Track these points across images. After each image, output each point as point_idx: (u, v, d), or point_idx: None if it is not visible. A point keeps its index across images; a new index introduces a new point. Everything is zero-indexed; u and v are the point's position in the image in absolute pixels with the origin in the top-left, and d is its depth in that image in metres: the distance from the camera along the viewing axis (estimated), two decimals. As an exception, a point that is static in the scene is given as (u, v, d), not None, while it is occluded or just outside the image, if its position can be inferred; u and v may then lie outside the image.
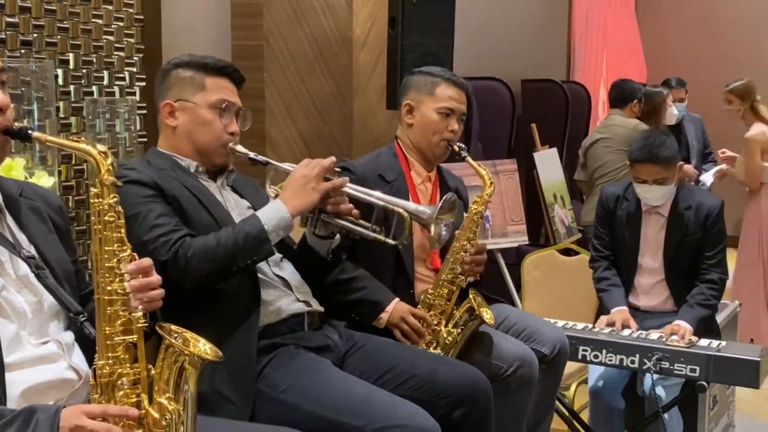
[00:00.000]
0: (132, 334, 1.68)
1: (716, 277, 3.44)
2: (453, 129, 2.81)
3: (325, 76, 4.33)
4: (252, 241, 2.15)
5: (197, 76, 2.32)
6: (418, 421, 2.06)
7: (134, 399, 1.67)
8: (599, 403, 3.55)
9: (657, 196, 3.44)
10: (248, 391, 2.13)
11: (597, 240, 3.67)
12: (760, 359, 3.02)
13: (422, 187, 2.86)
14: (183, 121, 2.33)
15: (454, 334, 2.60)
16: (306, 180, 2.22)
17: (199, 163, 2.34)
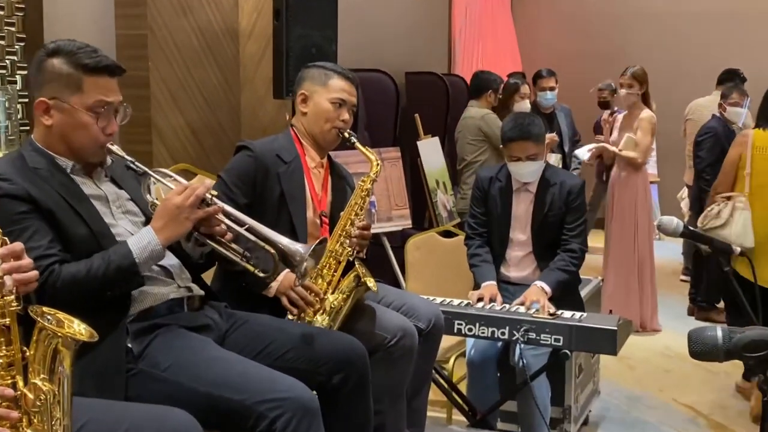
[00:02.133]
0: (5, 317, 1.63)
1: (576, 247, 3.58)
2: (344, 119, 2.87)
3: (212, 66, 4.28)
4: (122, 273, 2.08)
5: (74, 75, 2.15)
6: (296, 393, 2.07)
7: (9, 381, 1.62)
8: (475, 373, 3.63)
9: (530, 171, 3.56)
10: (116, 394, 2.05)
11: (472, 219, 3.77)
12: (617, 328, 3.15)
13: (315, 171, 2.90)
14: (58, 121, 2.18)
15: (340, 298, 2.63)
16: (179, 211, 2.14)
17: (74, 162, 2.23)
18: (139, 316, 2.19)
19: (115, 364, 2.09)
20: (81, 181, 2.24)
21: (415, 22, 7.36)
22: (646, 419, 4.25)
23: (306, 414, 2.05)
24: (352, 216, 2.75)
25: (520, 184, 3.63)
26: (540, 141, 3.53)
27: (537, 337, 3.19)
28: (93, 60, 2.17)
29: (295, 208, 2.79)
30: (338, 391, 2.30)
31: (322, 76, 2.88)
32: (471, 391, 3.66)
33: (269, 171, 2.78)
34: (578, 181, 3.67)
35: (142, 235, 2.15)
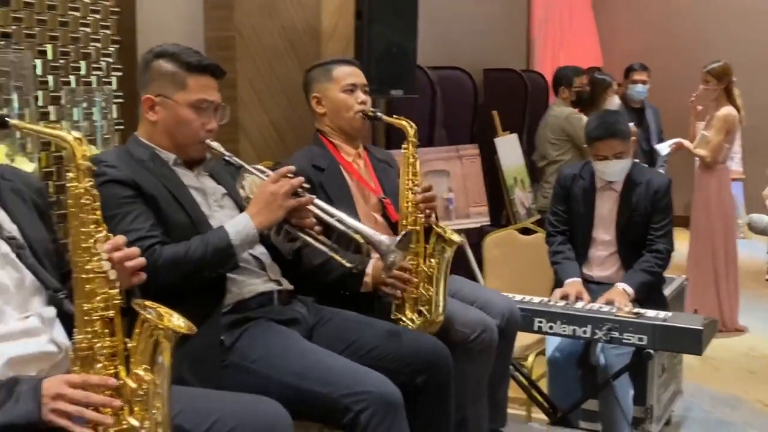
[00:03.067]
0: (109, 309, 1.69)
1: (662, 248, 3.51)
2: (362, 100, 2.90)
3: (294, 66, 4.32)
4: (219, 254, 2.17)
5: (179, 74, 2.29)
6: (381, 388, 2.09)
7: (112, 370, 1.68)
8: (556, 371, 3.61)
9: (616, 170, 3.51)
10: (211, 383, 2.11)
11: (553, 216, 3.73)
12: (702, 328, 3.09)
13: (355, 163, 2.92)
14: (163, 116, 2.31)
15: (434, 264, 2.61)
16: (274, 198, 2.23)
17: (176, 156, 2.35)
18: (231, 309, 2.25)
19: (211, 355, 2.16)
20: (182, 173, 2.35)
21: (494, 18, 7.30)
22: (730, 421, 4.15)
23: (390, 409, 2.07)
24: (409, 185, 2.71)
25: (604, 182, 3.57)
26: (626, 139, 3.47)
27: (620, 336, 3.15)
28: (197, 60, 2.32)
29: (345, 209, 2.74)
30: (421, 392, 2.31)
31: (324, 72, 2.92)
32: (551, 389, 3.64)
33: (312, 182, 2.71)
34: (665, 179, 3.58)
35: (239, 219, 2.24)
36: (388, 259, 2.36)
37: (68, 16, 3.26)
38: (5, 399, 1.60)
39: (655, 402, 3.65)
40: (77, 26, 3.30)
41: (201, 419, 1.84)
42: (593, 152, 3.52)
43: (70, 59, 3.28)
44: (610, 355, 3.38)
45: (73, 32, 3.28)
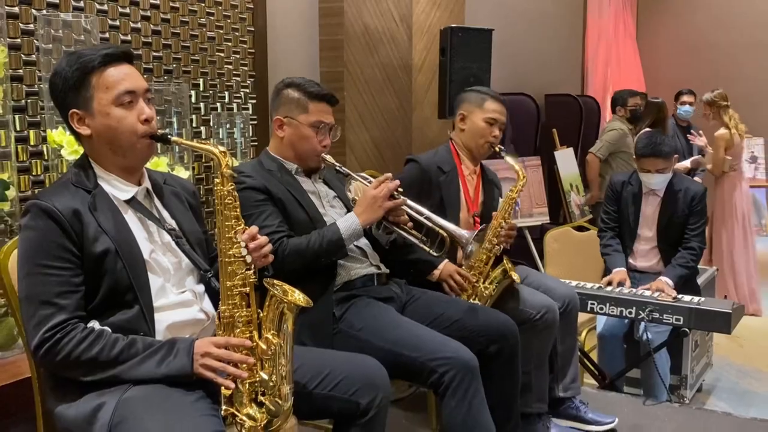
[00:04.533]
0: (246, 286, 1.73)
1: (696, 245, 3.38)
2: (495, 135, 2.82)
3: (390, 94, 4.33)
4: (332, 245, 2.20)
5: (302, 100, 2.34)
6: (461, 354, 2.08)
7: (248, 334, 1.72)
8: (605, 345, 3.52)
9: (658, 182, 3.40)
10: (325, 346, 2.13)
11: (605, 215, 3.62)
12: (731, 311, 2.95)
13: (470, 178, 2.87)
14: (289, 133, 2.36)
15: (491, 289, 2.59)
16: (375, 200, 2.24)
17: (298, 166, 2.38)
18: (340, 288, 2.27)
19: (325, 323, 2.18)
20: (302, 180, 2.39)
21: (554, 51, 7.16)
22: (754, 390, 3.94)
23: (468, 372, 2.05)
24: (501, 220, 2.68)
25: (648, 189, 3.45)
26: (669, 157, 3.33)
27: (660, 317, 3.05)
28: (317, 90, 2.36)
29: (452, 210, 2.76)
30: (493, 359, 2.28)
31: (479, 99, 2.84)
32: (600, 360, 3.54)
33: (432, 180, 2.76)
34: (701, 188, 3.44)
35: (347, 217, 2.27)
36: (467, 249, 2.36)
37: (215, 56, 3.35)
38: (166, 355, 1.65)
39: (689, 372, 3.51)
40: (222, 64, 3.38)
41: (316, 372, 1.87)
42: (640, 166, 3.40)
43: (217, 90, 3.37)
44: (651, 332, 3.26)
45: (219, 69, 3.37)
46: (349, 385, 1.85)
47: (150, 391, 1.62)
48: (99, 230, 1.70)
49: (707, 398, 3.81)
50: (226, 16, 3.39)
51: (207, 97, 3.32)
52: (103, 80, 1.73)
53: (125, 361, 1.64)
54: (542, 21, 6.89)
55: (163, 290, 1.77)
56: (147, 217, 1.81)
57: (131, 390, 1.62)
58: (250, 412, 1.70)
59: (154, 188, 1.89)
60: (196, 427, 1.56)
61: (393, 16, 4.30)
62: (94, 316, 1.70)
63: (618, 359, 3.49)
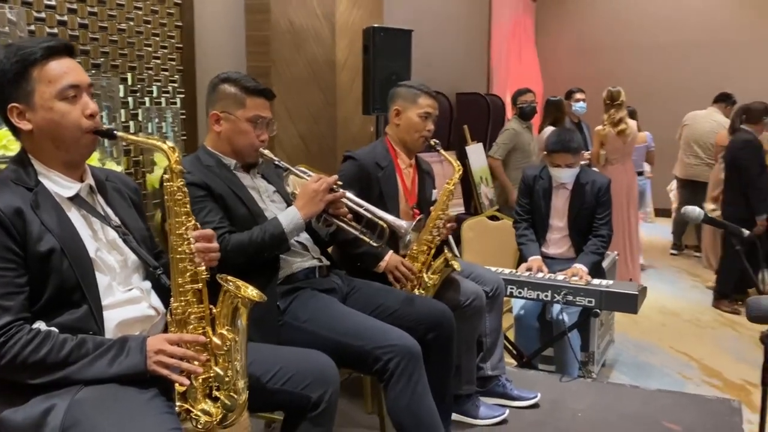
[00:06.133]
0: (198, 282, 1.66)
1: (605, 233, 3.50)
2: (429, 129, 2.80)
3: (316, 90, 4.28)
4: (275, 239, 2.13)
5: (240, 95, 2.23)
6: (404, 341, 2.08)
7: (201, 330, 1.65)
8: (521, 325, 3.61)
9: (567, 176, 3.49)
10: (271, 339, 2.07)
11: (519, 207, 3.70)
12: (638, 293, 3.09)
13: (406, 171, 2.85)
14: (226, 128, 2.25)
15: (434, 279, 2.59)
16: (315, 194, 2.19)
17: (236, 162, 2.29)
18: (284, 280, 2.22)
19: (270, 316, 2.12)
20: (241, 176, 2.29)
21: (463, 51, 7.28)
22: (651, 363, 4.17)
23: (412, 358, 2.05)
24: (439, 212, 2.68)
25: (558, 182, 3.55)
26: (577, 153, 3.44)
27: (574, 299, 3.16)
28: (254, 85, 2.26)
29: (391, 203, 2.74)
30: (430, 345, 2.29)
31: (412, 95, 2.81)
32: (517, 340, 3.63)
33: (371, 175, 2.73)
34: (606, 179, 3.57)
35: (289, 212, 2.20)
36: (405, 239, 2.36)
37: (143, 50, 3.19)
38: (118, 353, 1.56)
39: (596, 349, 3.66)
40: (150, 59, 3.23)
41: (268, 367, 1.82)
42: (550, 161, 3.50)
43: (145, 85, 3.21)
44: (563, 313, 3.37)
45: (147, 63, 3.21)
46: (301, 380, 1.81)
47: (103, 392, 1.52)
48: (43, 229, 1.58)
49: (611, 372, 3.99)
50: (153, 11, 3.23)
51: (135, 92, 3.16)
52: (45, 73, 1.60)
53: (75, 362, 1.54)
54: (452, 23, 6.98)
55: (110, 289, 1.67)
56: (91, 214, 1.70)
57: (83, 391, 1.52)
58: (205, 407, 1.64)
59: (97, 185, 1.77)
60: (153, 425, 1.48)
61: (317, 14, 4.23)
62: (39, 317, 1.58)
63: (532, 339, 3.59)
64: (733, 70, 8.65)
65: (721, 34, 8.86)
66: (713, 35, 8.90)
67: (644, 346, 4.46)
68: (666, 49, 9.12)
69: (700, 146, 6.50)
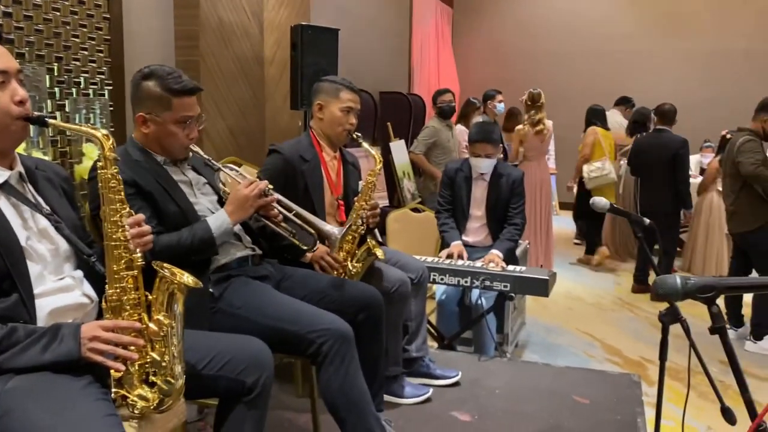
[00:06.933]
0: (133, 269, 1.61)
1: (519, 222, 3.61)
2: (352, 122, 2.79)
3: (245, 85, 4.20)
4: (203, 243, 2.07)
5: (165, 97, 2.08)
6: (336, 325, 2.08)
7: (136, 317, 1.60)
8: (443, 310, 3.67)
9: (486, 165, 3.58)
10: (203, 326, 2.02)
11: (441, 198, 3.77)
12: (549, 278, 3.22)
13: (331, 163, 2.82)
14: (153, 130, 2.12)
15: (358, 267, 2.60)
16: (246, 200, 2.13)
17: (166, 158, 2.18)
18: (218, 269, 2.17)
19: (201, 304, 2.07)
20: (171, 170, 2.19)
21: (386, 52, 7.31)
22: (559, 343, 4.33)
23: (345, 341, 2.06)
24: (362, 202, 2.68)
25: (477, 174, 3.64)
26: (497, 144, 3.55)
27: (491, 284, 3.25)
28: (180, 85, 2.10)
29: (317, 196, 2.72)
30: (361, 326, 2.30)
31: (334, 90, 2.78)
32: (439, 323, 3.70)
33: (295, 168, 2.69)
34: (520, 172, 3.68)
35: (218, 216, 2.12)
36: (334, 245, 2.36)
37: (71, 41, 3.04)
38: (51, 341, 1.49)
39: (510, 331, 3.77)
40: (78, 50, 3.08)
41: (203, 354, 1.78)
42: (472, 150, 3.58)
43: (72, 76, 3.06)
44: (481, 298, 3.46)
45: (74, 54, 3.06)
46: (236, 365, 1.78)
47: (35, 380, 1.46)
48: (-31, 216, 1.49)
49: (522, 352, 4.12)
50: (80, 2, 3.08)
51: (62, 82, 3.00)
52: None
53: (6, 350, 1.47)
54: (375, 25, 7.00)
55: (41, 278, 1.60)
56: (22, 202, 1.62)
57: (14, 380, 1.45)
58: (142, 392, 1.59)
59: (27, 173, 1.69)
60: (89, 412, 1.43)
61: (246, 11, 4.15)
62: (-34, 307, 1.49)
63: (453, 322, 3.67)
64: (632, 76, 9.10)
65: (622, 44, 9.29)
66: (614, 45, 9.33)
67: (552, 328, 4.63)
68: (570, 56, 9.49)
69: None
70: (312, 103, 2.84)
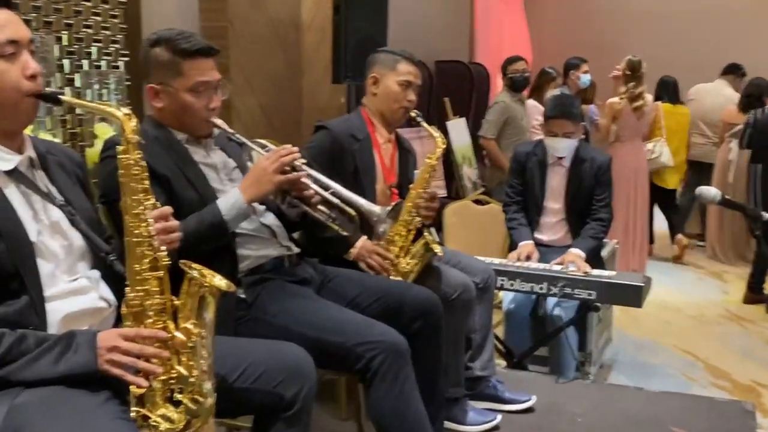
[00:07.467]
0: (157, 270, 1.63)
1: (604, 216, 3.55)
2: (410, 99, 2.80)
3: (278, 54, 4.25)
4: (213, 229, 2.06)
5: (174, 61, 2.09)
6: (389, 337, 2.08)
7: (161, 325, 1.63)
8: (512, 322, 3.65)
9: (565, 147, 3.53)
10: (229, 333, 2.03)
11: (510, 188, 3.73)
12: (643, 284, 3.16)
13: (384, 146, 2.84)
14: (167, 103, 2.15)
15: (412, 264, 2.59)
16: (264, 173, 2.10)
17: (188, 135, 2.21)
18: (249, 272, 2.20)
19: (227, 309, 2.05)
20: (193, 151, 2.22)
21: (443, 15, 7.28)
22: (653, 363, 4.25)
23: (398, 356, 2.06)
24: (419, 190, 2.68)
25: (554, 158, 3.58)
26: (577, 121, 3.50)
27: (572, 292, 3.21)
28: (189, 44, 2.11)
29: (367, 181, 2.73)
30: (416, 336, 2.28)
31: (391, 61, 2.80)
32: (507, 338, 3.67)
33: (345, 148, 2.71)
34: (607, 157, 3.63)
35: (230, 195, 2.12)
36: (379, 228, 2.35)
37: (81, 5, 3.13)
38: (64, 350, 1.54)
39: (593, 348, 3.72)
40: (89, 15, 3.17)
41: (234, 365, 1.81)
42: (547, 128, 3.54)
43: (83, 45, 3.15)
44: (560, 308, 3.43)
45: (85, 20, 3.15)
46: (273, 377, 1.80)
47: (47, 394, 1.51)
48: (-25, 208, 1.55)
49: (608, 374, 4.06)
50: (93, -41, 3.18)
51: (72, 53, 3.09)
52: None
53: (14, 360, 1.52)
54: (431, -18, 6.99)
55: (53, 278, 1.65)
56: (33, 192, 1.67)
57: (24, 394, 1.51)
58: (166, 412, 1.62)
59: (39, 158, 1.74)
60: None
61: (280, -34, 4.20)
62: (-29, 310, 1.55)
63: (524, 337, 3.64)
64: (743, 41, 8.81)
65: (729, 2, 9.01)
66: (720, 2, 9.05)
67: (644, 345, 4.54)
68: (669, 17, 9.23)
69: (707, 124, 6.62)
70: (365, 77, 2.86)
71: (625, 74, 5.46)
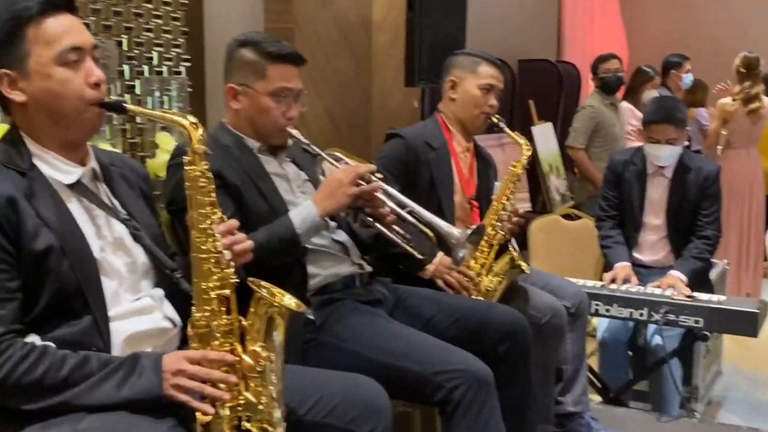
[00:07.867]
0: (225, 288, 1.68)
1: (711, 234, 3.48)
2: (492, 104, 2.84)
3: (347, 56, 4.32)
4: (284, 243, 2.13)
5: (259, 63, 2.24)
6: (472, 366, 2.08)
7: (228, 347, 1.68)
8: (608, 353, 3.60)
9: (667, 155, 3.47)
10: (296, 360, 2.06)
11: (604, 201, 3.69)
12: (758, 311, 3.08)
13: (462, 155, 2.88)
14: (245, 105, 2.28)
15: (495, 282, 2.61)
16: (339, 184, 2.17)
17: (261, 144, 2.32)
18: (318, 291, 2.25)
19: (295, 331, 2.11)
20: (266, 160, 2.32)
21: (527, 11, 7.26)
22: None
23: (482, 386, 2.06)
24: (503, 201, 2.71)
25: (655, 167, 3.53)
26: (681, 126, 3.44)
27: (676, 318, 3.15)
28: (276, 48, 2.26)
29: (444, 192, 2.77)
30: (502, 360, 2.28)
31: (471, 63, 2.84)
32: (603, 370, 3.62)
33: (419, 157, 2.76)
34: (715, 166, 3.55)
35: (303, 207, 2.19)
36: (458, 254, 2.37)
37: (142, 8, 3.26)
38: (129, 374, 1.60)
39: (700, 382, 3.64)
40: (150, 18, 3.30)
41: (304, 397, 1.84)
42: (648, 135, 3.49)
43: (144, 50, 3.28)
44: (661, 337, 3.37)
45: (146, 24, 3.28)
46: (346, 411, 1.82)
47: (111, 421, 1.57)
48: (39, 223, 1.63)
49: (718, 411, 3.95)
50: (154, -40, 3.32)
51: (132, 58, 3.23)
52: (42, 33, 1.66)
53: (77, 384, 1.59)
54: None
55: (116, 297, 1.72)
56: (96, 206, 1.76)
57: (86, 419, 1.57)
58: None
59: (102, 170, 1.83)
60: (172, 462, 1.53)
61: (350, -38, 4.29)
62: (33, 330, 1.63)
63: (622, 368, 3.60)
64: None
65: None
66: None
67: (760, 380, 4.40)
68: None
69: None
70: (441, 80, 2.90)
71: (739, 72, 5.33)
